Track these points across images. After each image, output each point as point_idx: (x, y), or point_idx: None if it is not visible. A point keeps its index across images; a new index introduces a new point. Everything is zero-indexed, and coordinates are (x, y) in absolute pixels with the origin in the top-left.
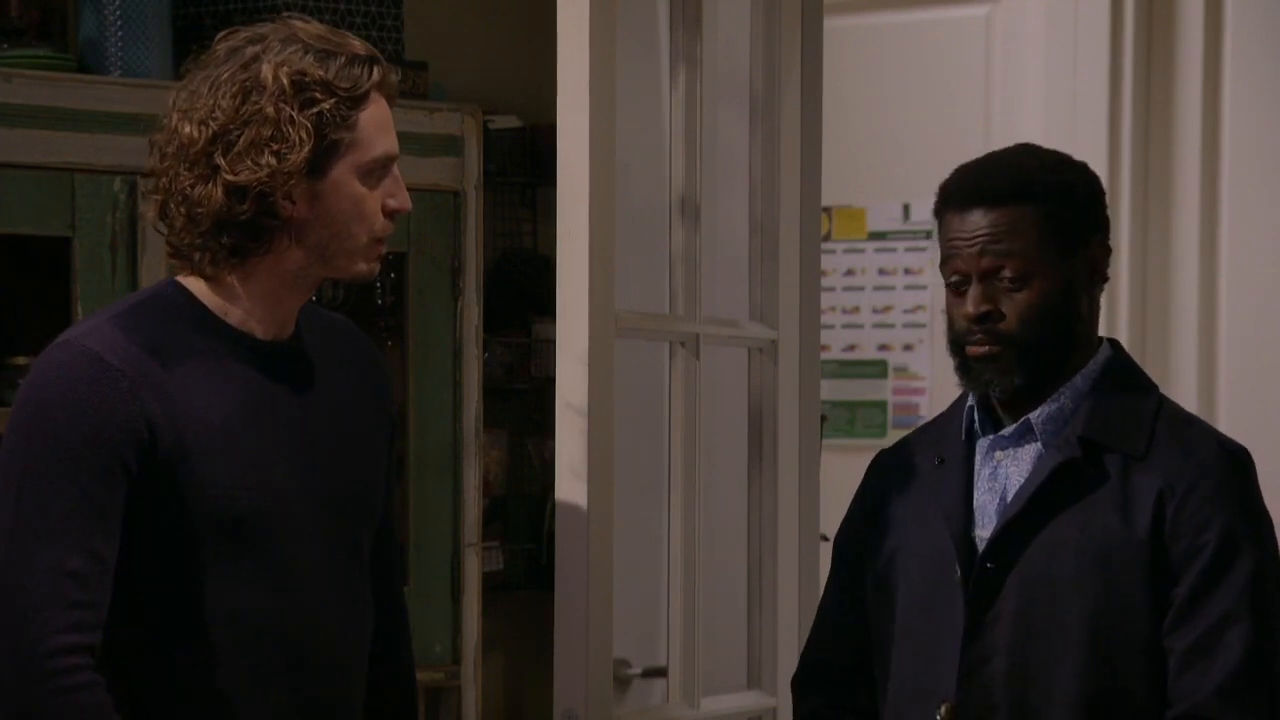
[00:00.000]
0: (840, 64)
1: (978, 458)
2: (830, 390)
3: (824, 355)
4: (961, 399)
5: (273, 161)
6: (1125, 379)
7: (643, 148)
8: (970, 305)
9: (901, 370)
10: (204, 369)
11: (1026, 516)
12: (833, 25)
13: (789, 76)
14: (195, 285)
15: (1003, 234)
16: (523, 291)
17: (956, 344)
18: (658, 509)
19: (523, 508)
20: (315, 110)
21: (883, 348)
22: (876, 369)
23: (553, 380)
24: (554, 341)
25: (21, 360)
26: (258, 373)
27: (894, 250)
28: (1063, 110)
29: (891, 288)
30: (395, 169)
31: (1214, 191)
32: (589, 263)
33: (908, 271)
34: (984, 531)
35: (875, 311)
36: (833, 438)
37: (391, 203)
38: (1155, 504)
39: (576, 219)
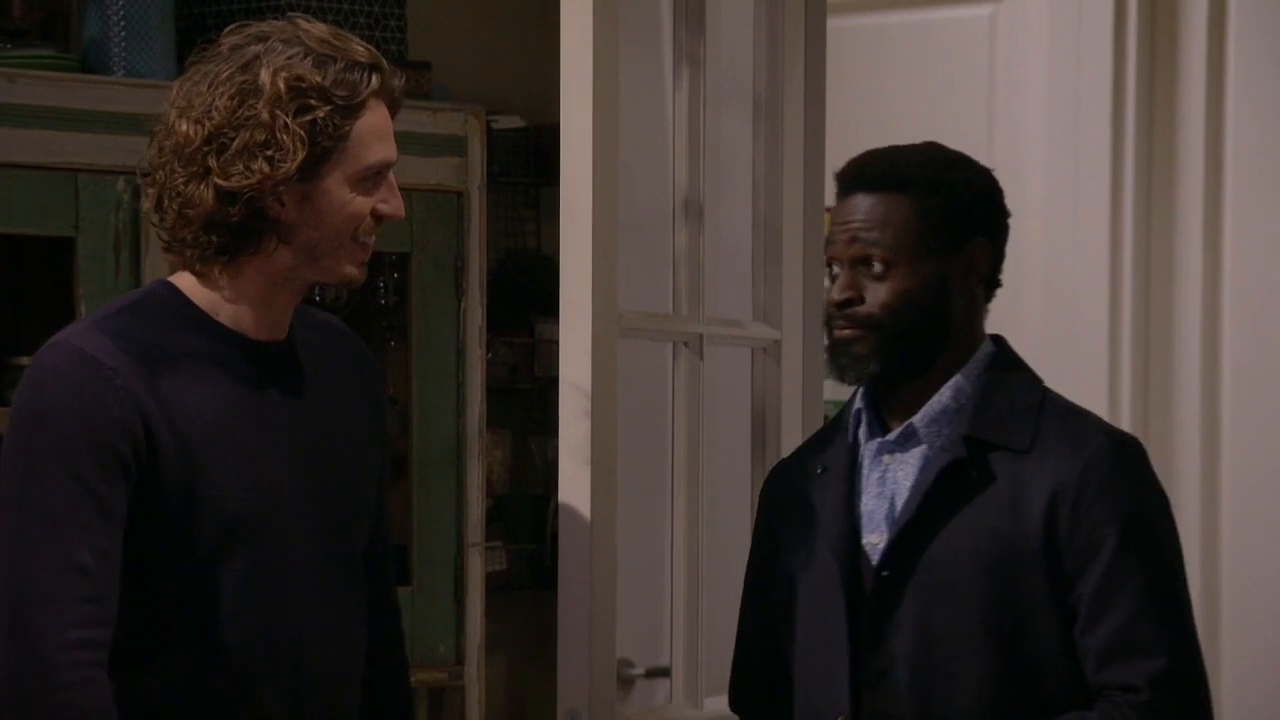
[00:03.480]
0: (843, 64)
1: (865, 462)
2: (833, 390)
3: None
4: (851, 401)
5: (265, 168)
6: (1008, 374)
7: (646, 148)
8: (835, 290)
9: None
10: (195, 369)
11: (918, 522)
12: (836, 25)
13: (792, 76)
14: (187, 285)
15: (874, 223)
16: (526, 291)
17: (826, 329)
18: (661, 509)
19: (526, 508)
20: (309, 117)
21: None
22: None
23: (556, 380)
24: (557, 342)
25: (25, 361)
26: (249, 373)
27: None
28: (1066, 110)
29: None
30: (390, 175)
31: (1217, 192)
32: (592, 263)
33: None
34: (875, 538)
35: None
36: None
37: (383, 208)
38: (1048, 502)
39: (580, 219)
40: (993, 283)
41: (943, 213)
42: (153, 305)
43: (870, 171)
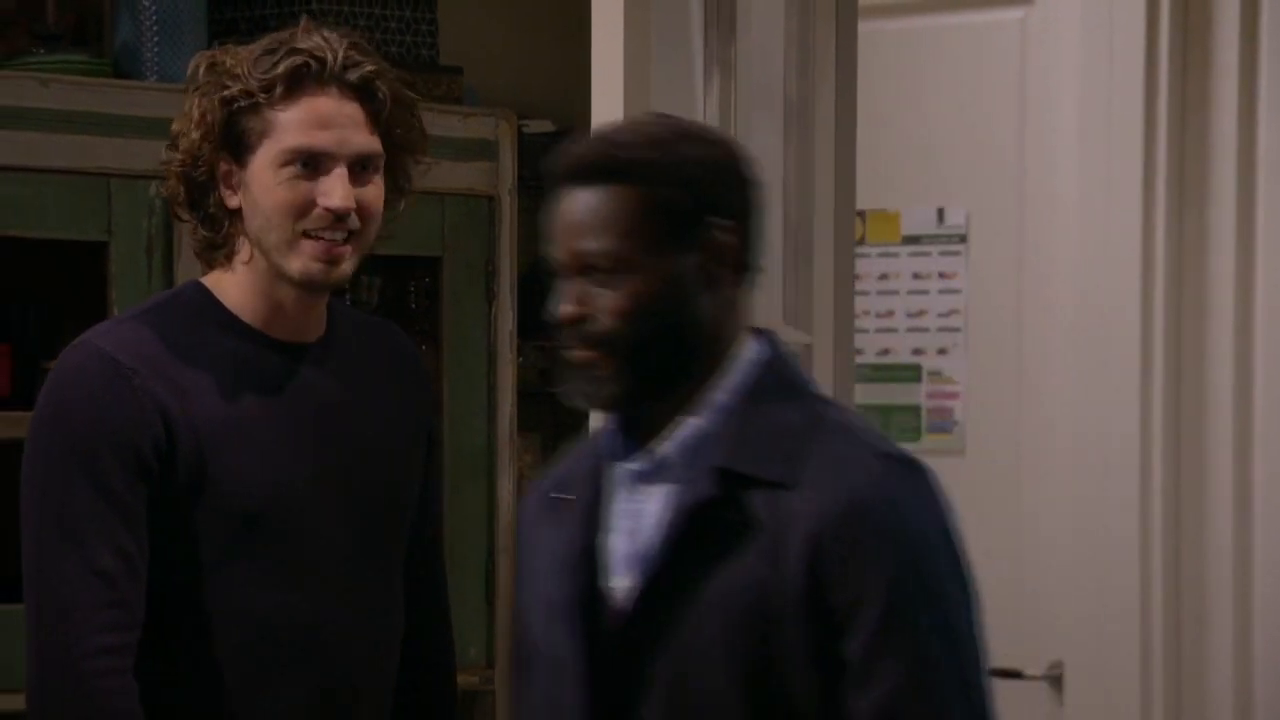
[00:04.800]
0: (874, 68)
1: (611, 491)
2: (864, 394)
3: (857, 359)
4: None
5: (184, 144)
6: (774, 388)
7: None
8: (561, 305)
9: (935, 375)
10: (220, 366)
11: (669, 568)
12: (866, 29)
13: (823, 80)
14: (216, 285)
15: (595, 222)
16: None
17: (559, 349)
18: None
19: None
20: (219, 95)
21: (916, 352)
22: (910, 373)
23: None
24: None
25: None
26: (274, 372)
27: (928, 254)
28: (1098, 113)
29: (925, 292)
30: (341, 169)
31: (1250, 196)
32: None
33: (942, 275)
34: (621, 582)
35: (909, 315)
36: None
37: (321, 199)
38: (808, 544)
39: None
40: (745, 268)
41: (673, 198)
42: (180, 305)
43: (583, 161)
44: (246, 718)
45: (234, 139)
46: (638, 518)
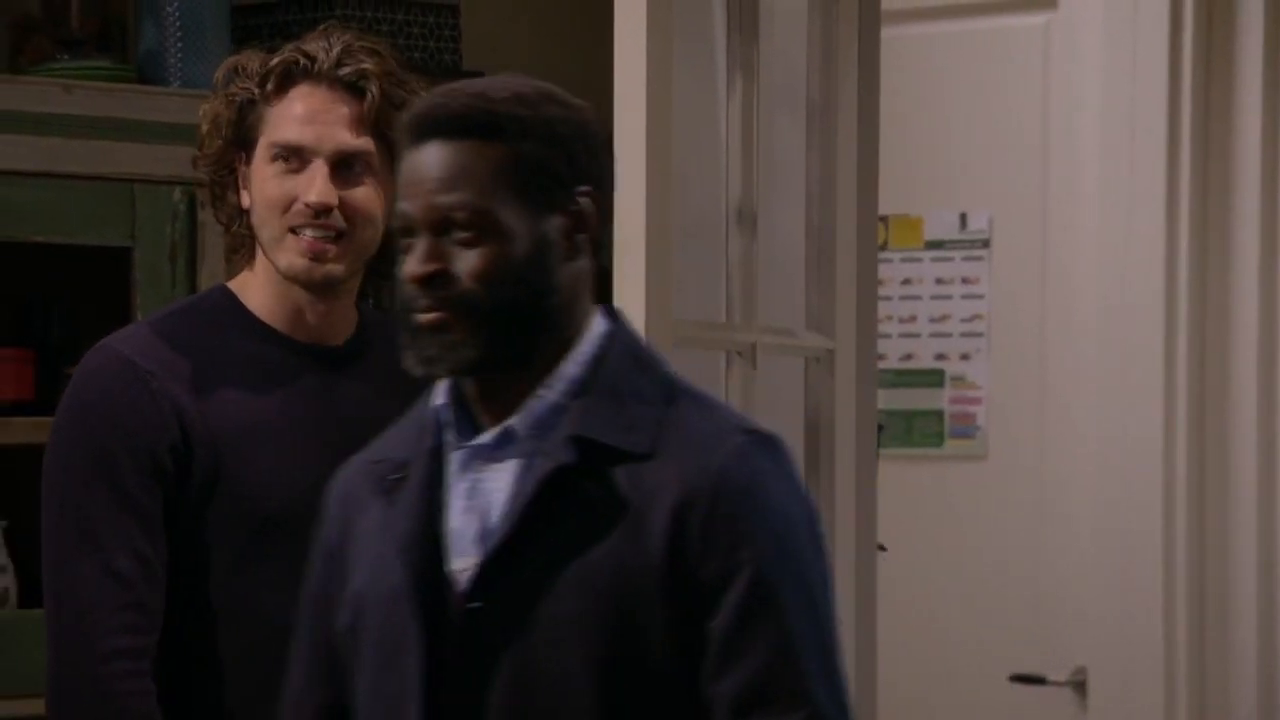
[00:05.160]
0: (897, 73)
1: (452, 470)
2: (887, 399)
3: (880, 364)
4: (432, 393)
5: (204, 146)
6: (626, 362)
7: (699, 156)
8: (414, 263)
9: (959, 380)
10: (241, 370)
11: (516, 543)
12: (889, 34)
13: (846, 85)
14: (241, 288)
15: (458, 177)
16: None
17: (403, 313)
18: None
19: None
20: (229, 94)
21: (939, 357)
22: (933, 378)
23: None
24: None
25: None
26: (299, 374)
27: (951, 259)
28: (1121, 118)
29: (948, 297)
30: (320, 165)
31: (1274, 199)
32: (646, 272)
33: (965, 280)
34: (463, 564)
35: (932, 321)
36: (889, 447)
37: (303, 194)
38: (672, 517)
39: (633, 228)
40: (600, 241)
41: (545, 159)
42: (203, 309)
43: (448, 113)
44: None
45: (242, 137)
46: (483, 496)
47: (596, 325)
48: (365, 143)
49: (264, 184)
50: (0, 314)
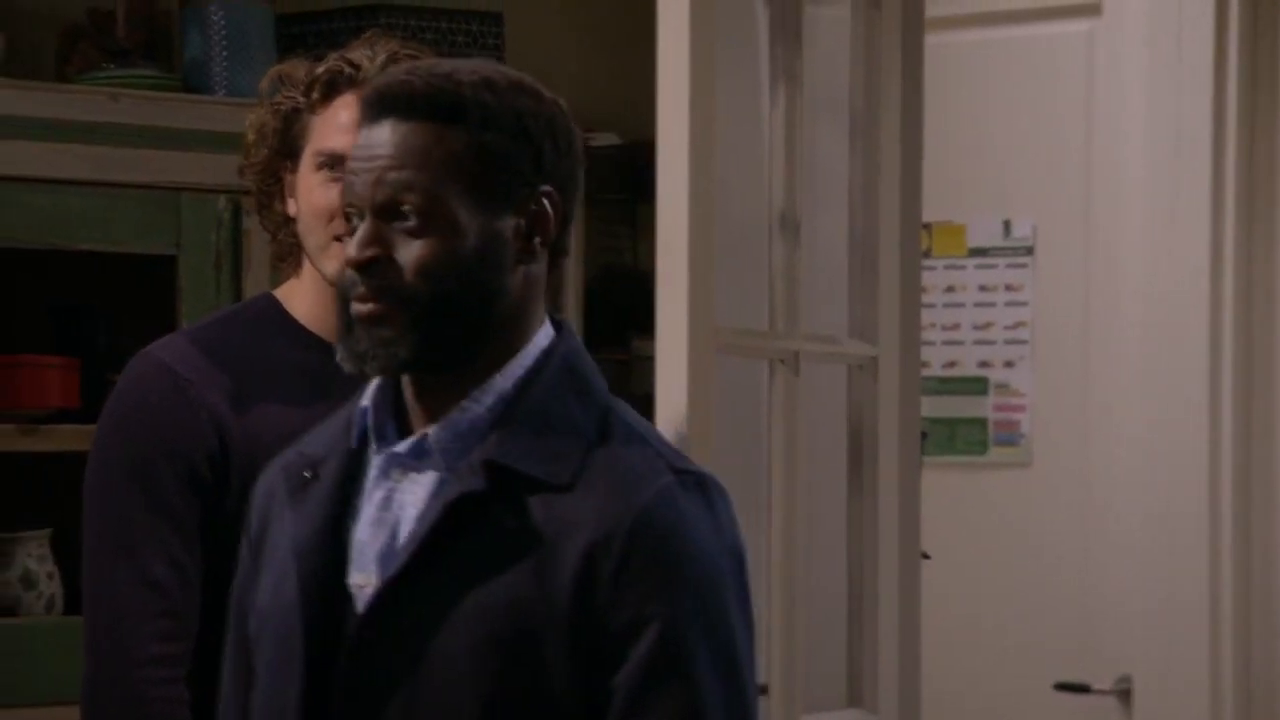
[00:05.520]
0: (941, 80)
1: (372, 475)
2: (930, 407)
3: (924, 372)
4: (361, 392)
5: (250, 155)
6: (563, 382)
7: (742, 163)
8: (353, 246)
9: (1002, 387)
10: (283, 377)
11: (417, 570)
12: (933, 41)
13: (889, 92)
14: (287, 296)
15: (410, 158)
16: (622, 308)
17: (341, 299)
18: (755, 525)
19: None
20: (274, 103)
21: (983, 364)
22: (977, 386)
23: (652, 397)
24: (653, 358)
25: None
26: (342, 382)
27: (995, 266)
28: (1166, 124)
29: (992, 304)
30: None
31: None
32: (688, 279)
33: (1008, 288)
34: (363, 580)
35: (976, 328)
36: (933, 455)
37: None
38: (583, 558)
39: (676, 235)
40: (559, 249)
41: (505, 151)
42: (248, 316)
43: (410, 91)
44: None
45: (288, 146)
46: (393, 508)
47: (541, 338)
48: None
49: (309, 192)
50: (46, 322)
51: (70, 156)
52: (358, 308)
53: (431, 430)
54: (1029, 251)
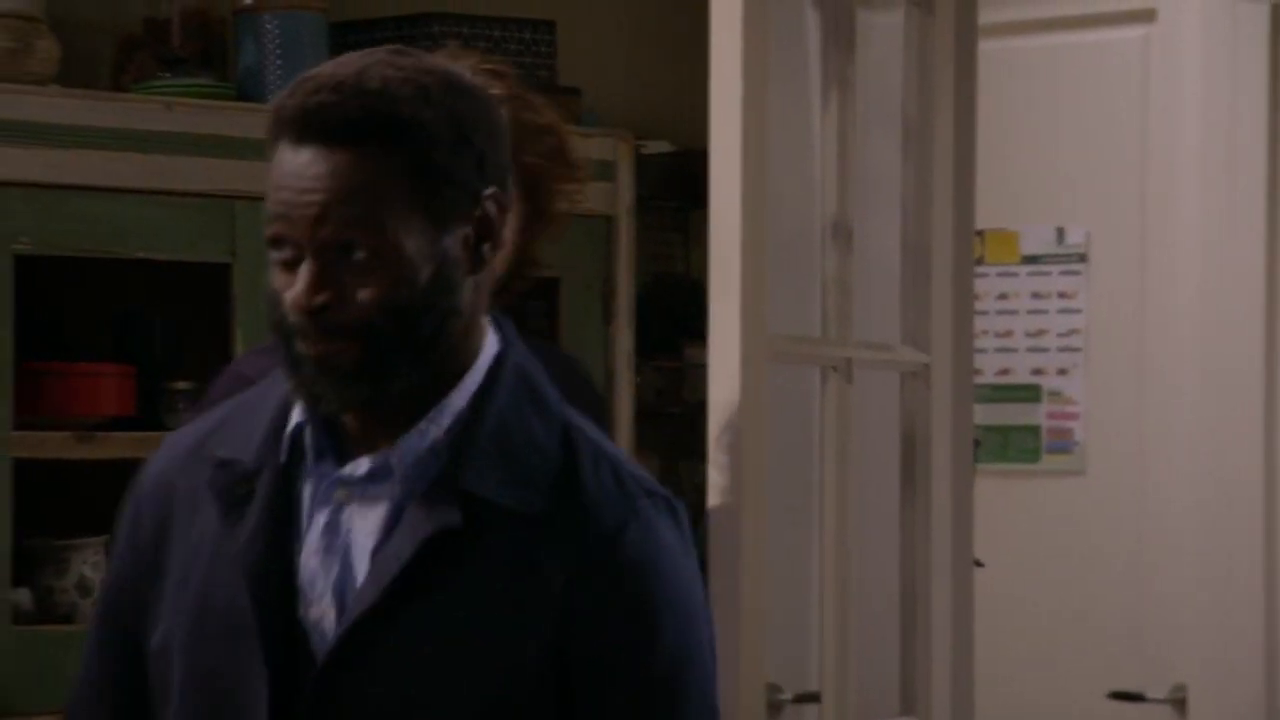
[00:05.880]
0: (994, 86)
1: (307, 496)
2: (983, 414)
3: (977, 379)
4: (274, 386)
5: None
6: (520, 393)
7: (794, 170)
8: (301, 292)
9: (1055, 395)
10: None
11: (388, 610)
12: (987, 47)
13: (942, 99)
14: None
15: (349, 190)
16: (674, 315)
17: (283, 337)
18: (808, 533)
19: None
20: None
21: (1036, 372)
22: (1030, 393)
23: (705, 404)
24: (706, 365)
25: (182, 385)
26: None
27: (1048, 274)
28: (1220, 131)
29: (1045, 311)
30: None
31: None
32: (741, 286)
33: (1062, 295)
34: (318, 613)
35: (1028, 335)
36: (985, 462)
37: None
38: (562, 598)
39: (728, 243)
40: (501, 243)
41: (451, 166)
42: None
43: (343, 115)
44: None
45: None
46: (342, 536)
47: (489, 345)
48: None
49: None
50: (102, 329)
51: (126, 165)
52: (306, 348)
53: (396, 455)
54: (1082, 259)
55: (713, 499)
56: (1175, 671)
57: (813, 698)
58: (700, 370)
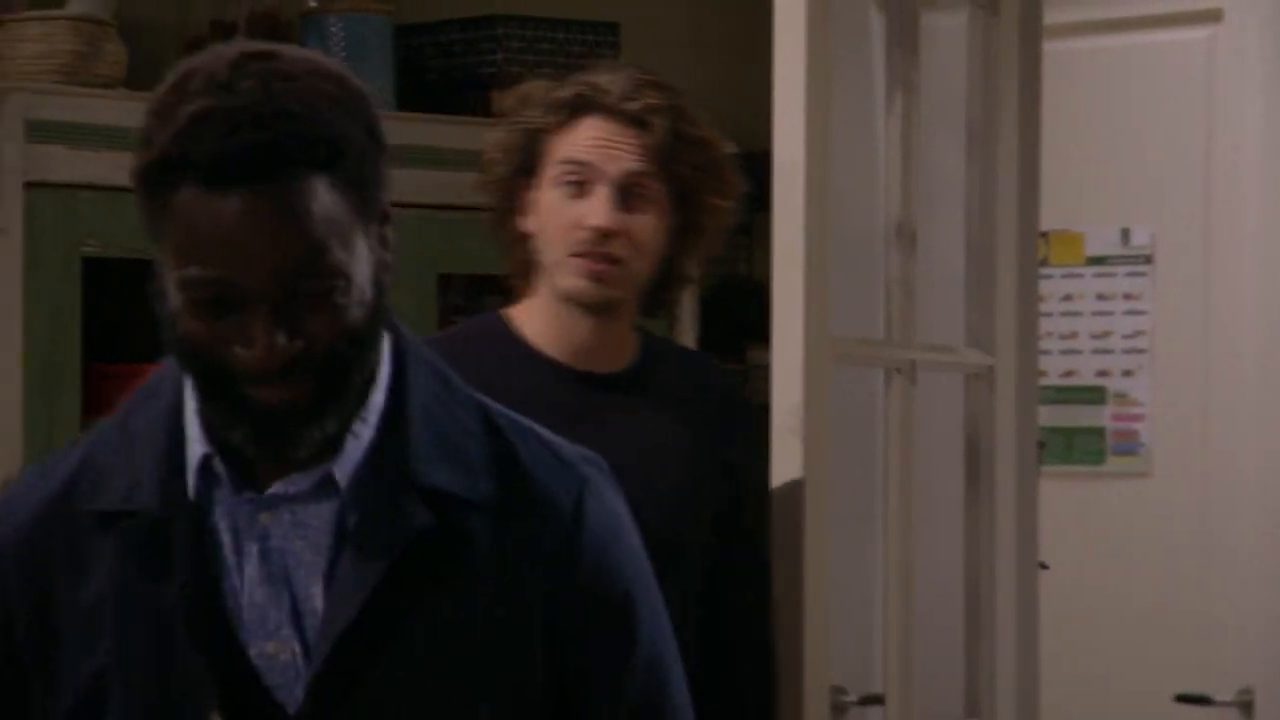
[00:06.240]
0: (1058, 87)
1: (224, 526)
2: (1048, 416)
3: (1041, 381)
4: (135, 420)
5: (489, 173)
6: (431, 378)
7: (858, 172)
8: (264, 347)
9: (1120, 397)
10: (508, 396)
11: (366, 633)
12: (1050, 49)
13: (1006, 101)
14: (518, 315)
15: (300, 229)
16: (738, 318)
17: (221, 378)
18: (871, 535)
19: None
20: (516, 123)
21: (1101, 374)
22: (1094, 395)
23: (768, 406)
24: (769, 367)
25: None
26: (570, 401)
27: (1113, 275)
28: None
29: (1110, 313)
30: (604, 189)
31: None
32: (804, 289)
33: (1127, 296)
34: (275, 648)
35: (1093, 337)
36: (1050, 464)
37: (583, 218)
38: (545, 580)
39: (792, 245)
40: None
41: (373, 172)
42: (471, 335)
43: (267, 152)
44: None
45: (528, 165)
46: (276, 559)
47: (387, 341)
48: (650, 172)
49: (549, 209)
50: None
51: None
52: (266, 395)
53: (335, 466)
54: (1148, 260)
55: (776, 500)
56: (1242, 674)
57: (877, 700)
58: (763, 372)
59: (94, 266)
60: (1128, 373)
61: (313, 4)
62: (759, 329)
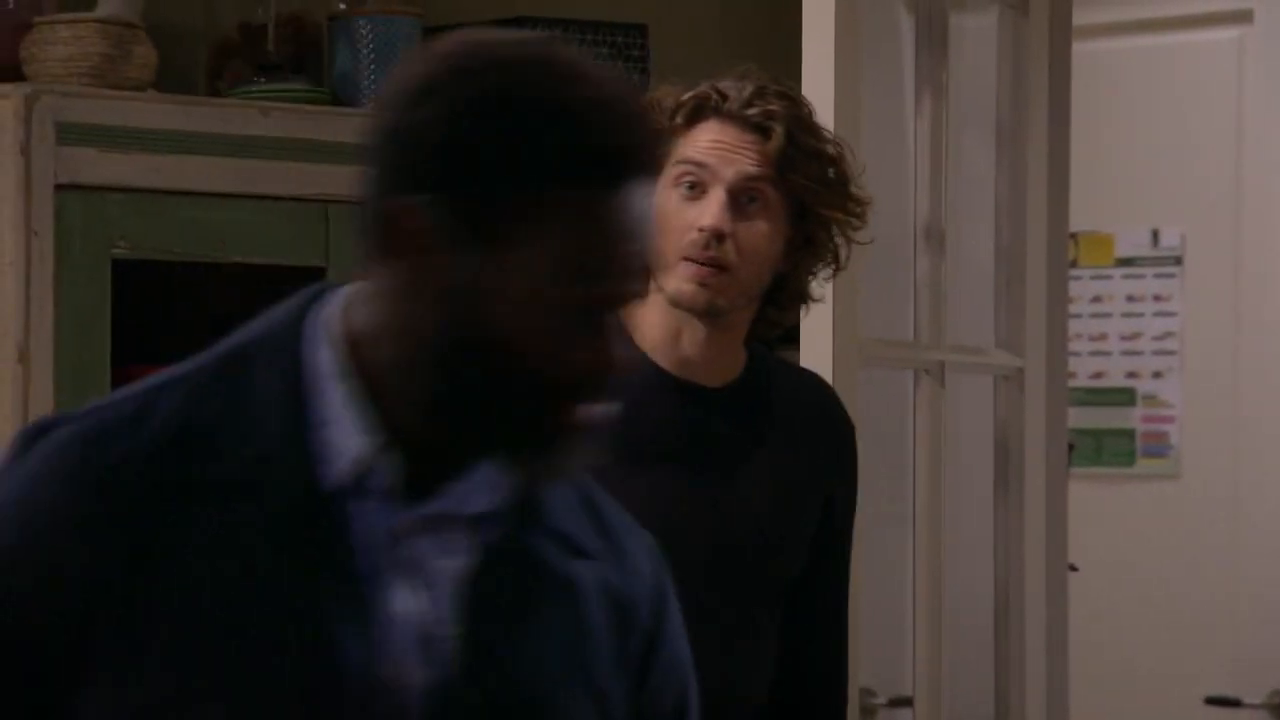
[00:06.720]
0: (1088, 88)
1: (365, 528)
2: (1077, 418)
3: (1071, 383)
4: (258, 363)
5: None
6: None
7: (887, 173)
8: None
9: (1150, 398)
10: (645, 425)
11: (494, 658)
12: (1080, 50)
13: (1036, 102)
14: (633, 319)
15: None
16: (768, 319)
17: (541, 391)
18: (901, 536)
19: None
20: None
21: (1130, 375)
22: (1124, 397)
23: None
24: None
25: None
26: (670, 411)
27: (1142, 276)
28: None
29: (1140, 314)
30: (719, 193)
31: None
32: (833, 290)
33: (1156, 298)
34: (415, 672)
35: (1123, 339)
36: (1080, 466)
37: (699, 220)
38: (641, 645)
39: None
40: None
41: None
42: None
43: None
44: None
45: None
46: (422, 574)
47: None
48: (766, 177)
49: (665, 209)
50: (199, 333)
51: (221, 169)
52: (576, 417)
53: (514, 491)
54: (1177, 261)
55: None
56: (1273, 676)
57: (906, 702)
58: None
59: (124, 268)
60: (1157, 374)
61: (341, 6)
62: (789, 330)
